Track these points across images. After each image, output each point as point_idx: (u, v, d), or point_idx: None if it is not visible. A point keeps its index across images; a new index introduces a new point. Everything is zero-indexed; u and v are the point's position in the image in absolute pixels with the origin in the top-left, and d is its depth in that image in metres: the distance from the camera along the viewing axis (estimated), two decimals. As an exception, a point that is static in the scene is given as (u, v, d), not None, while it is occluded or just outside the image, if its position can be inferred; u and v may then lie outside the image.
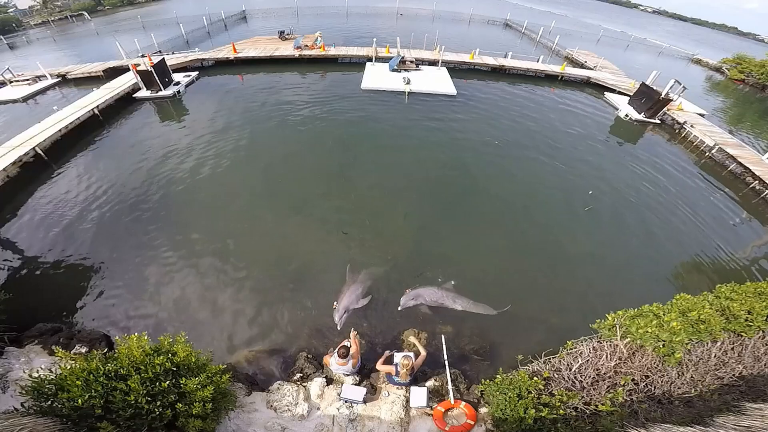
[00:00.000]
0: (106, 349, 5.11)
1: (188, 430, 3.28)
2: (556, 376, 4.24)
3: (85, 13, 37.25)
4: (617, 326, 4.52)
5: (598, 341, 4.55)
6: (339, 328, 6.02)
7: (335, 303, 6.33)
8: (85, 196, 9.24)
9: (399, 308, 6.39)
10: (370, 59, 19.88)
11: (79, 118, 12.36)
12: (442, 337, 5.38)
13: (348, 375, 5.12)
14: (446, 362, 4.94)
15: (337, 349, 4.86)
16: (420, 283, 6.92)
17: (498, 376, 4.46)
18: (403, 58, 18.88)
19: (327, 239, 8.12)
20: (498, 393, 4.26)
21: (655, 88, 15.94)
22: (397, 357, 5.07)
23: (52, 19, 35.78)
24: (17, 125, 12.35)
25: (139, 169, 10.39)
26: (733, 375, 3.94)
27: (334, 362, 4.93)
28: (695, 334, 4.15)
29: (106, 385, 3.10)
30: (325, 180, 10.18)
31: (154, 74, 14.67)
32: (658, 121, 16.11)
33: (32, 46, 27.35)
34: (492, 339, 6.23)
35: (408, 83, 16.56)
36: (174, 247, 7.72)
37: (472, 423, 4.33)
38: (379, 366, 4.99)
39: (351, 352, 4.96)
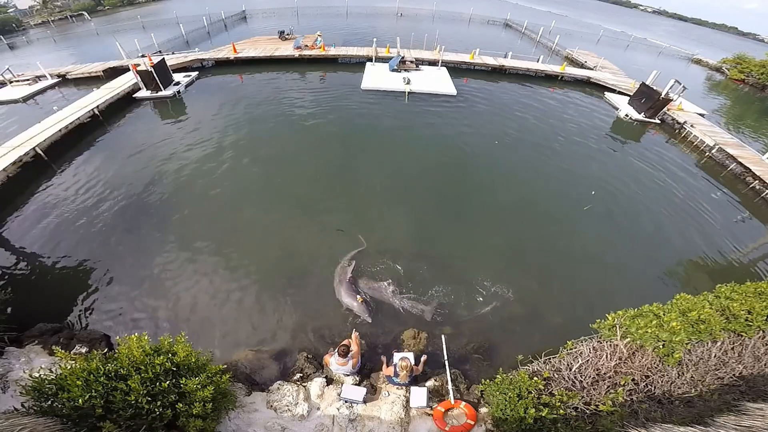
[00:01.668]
0: (106, 349, 5.11)
1: (188, 429, 3.28)
2: (556, 376, 4.24)
3: (85, 13, 37.21)
4: (617, 326, 4.53)
5: (598, 341, 4.55)
6: (370, 320, 6.17)
7: (359, 298, 6.41)
8: (85, 197, 9.24)
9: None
10: (370, 59, 19.87)
11: (79, 118, 12.35)
12: (442, 337, 5.38)
13: (348, 375, 5.12)
14: (446, 362, 4.94)
15: (337, 349, 4.86)
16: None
17: (498, 376, 4.46)
18: (403, 58, 18.87)
19: (327, 238, 8.12)
20: (498, 393, 4.26)
21: (655, 88, 15.94)
22: (396, 358, 5.07)
23: (52, 19, 35.75)
24: (17, 125, 12.36)
25: (139, 169, 10.39)
26: (733, 375, 3.94)
27: (334, 362, 4.93)
28: (695, 334, 4.15)
29: (106, 385, 3.10)
30: (324, 180, 10.17)
31: (154, 74, 14.66)
32: (658, 121, 16.11)
33: (32, 46, 27.34)
34: (492, 339, 6.23)
35: (408, 83, 16.55)
36: (173, 247, 7.72)
37: (472, 423, 4.33)
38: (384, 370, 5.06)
39: (351, 353, 4.96)
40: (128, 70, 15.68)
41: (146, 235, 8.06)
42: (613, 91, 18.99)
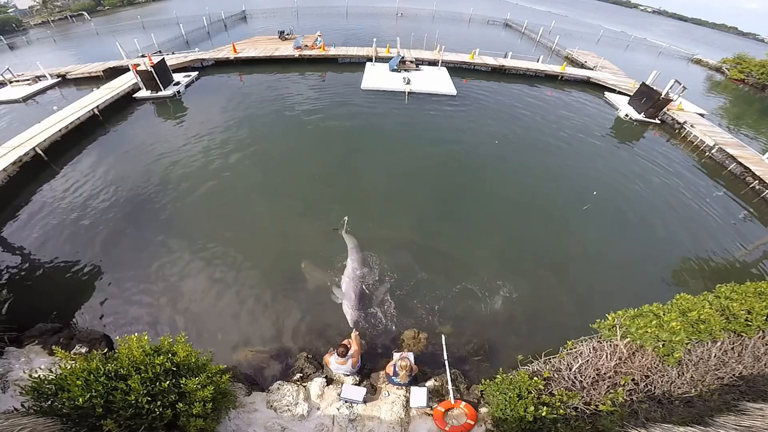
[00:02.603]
0: (106, 349, 5.10)
1: (189, 429, 3.28)
2: (556, 376, 4.24)
3: (85, 13, 37.22)
4: (617, 326, 4.52)
5: (598, 341, 4.55)
6: (352, 325, 6.02)
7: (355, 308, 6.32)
8: (85, 197, 9.24)
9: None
10: (370, 59, 19.87)
11: (79, 118, 12.35)
12: (442, 337, 5.38)
13: (348, 375, 5.12)
14: (446, 362, 4.93)
15: (336, 348, 4.87)
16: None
17: (498, 376, 4.46)
18: (403, 58, 18.87)
19: (326, 238, 8.11)
20: (498, 393, 4.26)
21: (655, 88, 15.95)
22: (395, 358, 5.07)
23: (52, 19, 35.75)
24: (17, 125, 12.36)
25: (138, 169, 10.38)
26: (733, 375, 3.94)
27: (333, 361, 4.94)
28: (695, 334, 4.15)
29: (106, 384, 3.10)
30: (324, 180, 10.17)
31: (154, 74, 14.66)
32: (658, 121, 16.11)
33: (32, 46, 27.34)
34: (492, 339, 6.23)
35: (408, 83, 16.55)
36: (174, 247, 7.72)
37: (472, 423, 4.33)
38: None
39: (351, 352, 4.96)
40: (128, 70, 15.68)
41: (146, 234, 8.06)
42: (613, 91, 19.00)
